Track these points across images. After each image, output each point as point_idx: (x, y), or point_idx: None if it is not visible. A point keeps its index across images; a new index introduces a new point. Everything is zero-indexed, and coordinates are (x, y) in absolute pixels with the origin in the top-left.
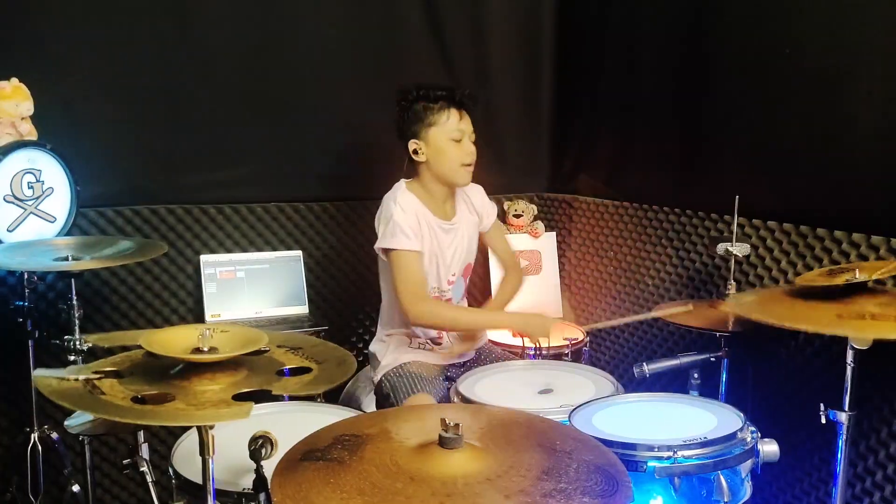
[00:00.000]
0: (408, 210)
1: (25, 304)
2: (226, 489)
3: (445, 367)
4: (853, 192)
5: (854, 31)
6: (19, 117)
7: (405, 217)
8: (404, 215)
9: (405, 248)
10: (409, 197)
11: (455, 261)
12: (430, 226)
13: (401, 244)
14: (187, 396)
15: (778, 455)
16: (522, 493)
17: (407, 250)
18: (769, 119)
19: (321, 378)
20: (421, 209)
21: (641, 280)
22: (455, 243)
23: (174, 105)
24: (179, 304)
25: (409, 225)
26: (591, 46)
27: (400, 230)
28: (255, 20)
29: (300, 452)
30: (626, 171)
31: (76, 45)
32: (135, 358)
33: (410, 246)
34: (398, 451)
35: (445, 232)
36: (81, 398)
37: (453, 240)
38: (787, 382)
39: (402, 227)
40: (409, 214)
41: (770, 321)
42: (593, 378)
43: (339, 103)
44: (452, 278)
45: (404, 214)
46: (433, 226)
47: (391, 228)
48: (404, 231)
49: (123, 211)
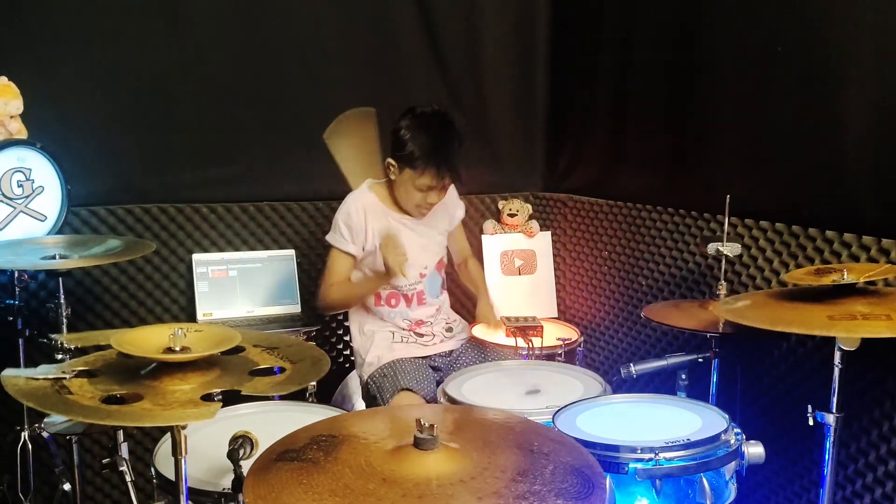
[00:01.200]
0: (356, 212)
1: (16, 303)
2: (206, 489)
3: (430, 358)
4: (845, 192)
5: (846, 29)
6: (8, 116)
7: (350, 219)
8: (349, 217)
9: (338, 246)
10: (366, 197)
11: (424, 255)
12: (384, 218)
13: (336, 242)
14: (156, 396)
15: (763, 457)
16: (495, 495)
17: (338, 249)
18: (761, 118)
19: (294, 378)
20: (380, 208)
21: (635, 280)
22: (423, 240)
23: (166, 103)
24: (172, 302)
25: (352, 226)
26: (585, 46)
27: (339, 230)
28: (246, 18)
29: (276, 452)
30: (621, 170)
31: (66, 44)
32: (108, 357)
33: (342, 246)
34: (374, 452)
35: (410, 228)
36: (47, 398)
37: (420, 235)
38: (777, 384)
39: (341, 227)
40: (355, 217)
41: (761, 325)
42: (582, 379)
43: (331, 102)
44: (425, 271)
45: (350, 217)
46: (394, 222)
47: (334, 225)
48: (342, 232)
49: (115, 210)
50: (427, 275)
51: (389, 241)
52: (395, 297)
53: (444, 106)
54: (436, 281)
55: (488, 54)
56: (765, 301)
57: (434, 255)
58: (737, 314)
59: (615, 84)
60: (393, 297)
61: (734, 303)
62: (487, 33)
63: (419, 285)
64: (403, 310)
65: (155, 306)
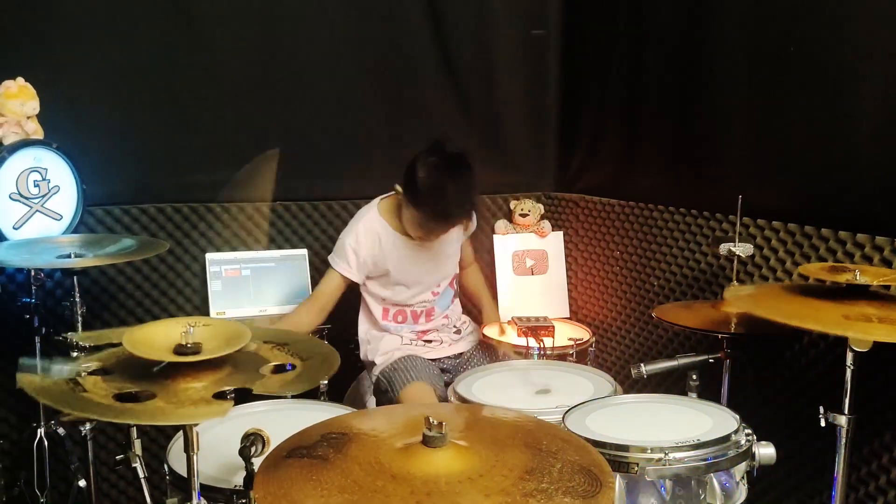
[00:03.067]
0: (366, 239)
1: (32, 301)
2: (218, 486)
3: (440, 361)
4: (858, 192)
5: (859, 29)
6: (25, 116)
7: (358, 246)
8: (356, 242)
9: (339, 270)
10: (374, 222)
11: (437, 273)
12: (396, 244)
13: (337, 266)
14: (168, 394)
15: (774, 458)
16: (503, 493)
17: (333, 269)
18: (773, 118)
19: (304, 375)
20: (389, 232)
21: (647, 280)
22: (436, 258)
23: (180, 104)
24: (185, 301)
25: (359, 253)
26: (597, 46)
27: (344, 255)
28: (260, 20)
29: (286, 449)
30: (632, 170)
31: (82, 45)
32: (121, 355)
33: (344, 272)
34: (383, 449)
35: (422, 247)
36: (63, 395)
37: (434, 254)
38: (788, 385)
39: (348, 253)
40: (364, 243)
41: (775, 318)
42: (593, 379)
43: (343, 103)
44: (437, 290)
45: (356, 241)
46: (405, 246)
47: (339, 248)
48: (347, 258)
49: (130, 209)
50: (440, 293)
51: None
52: (403, 315)
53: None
54: (447, 295)
55: (500, 54)
56: (776, 293)
57: (448, 271)
58: (748, 303)
59: (627, 84)
60: (400, 314)
61: (741, 291)
62: (499, 33)
63: (430, 303)
64: (411, 324)
65: (169, 305)
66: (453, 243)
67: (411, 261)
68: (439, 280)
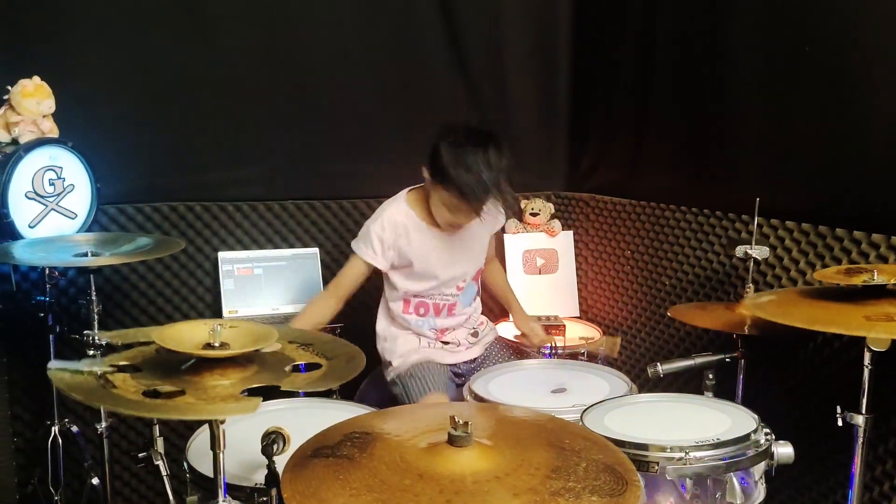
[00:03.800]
0: (389, 227)
1: (47, 300)
2: (239, 484)
3: (454, 366)
4: (873, 192)
5: (874, 29)
6: (41, 115)
7: (384, 233)
8: (381, 229)
9: (362, 256)
10: (401, 210)
11: (463, 266)
12: (423, 235)
13: (360, 252)
14: (197, 391)
15: (793, 457)
16: (531, 492)
17: (357, 256)
18: (787, 117)
19: (330, 374)
20: (417, 223)
21: (658, 280)
22: (463, 250)
23: (193, 104)
24: (198, 300)
25: (384, 240)
26: (608, 45)
27: (369, 241)
28: (272, 20)
29: (311, 449)
30: (644, 170)
31: (98, 45)
32: (147, 353)
33: (367, 258)
34: (407, 448)
35: (449, 239)
36: (94, 391)
37: (462, 244)
38: (804, 384)
39: (373, 239)
40: (387, 232)
41: (800, 325)
42: (608, 378)
43: (354, 102)
44: (462, 284)
45: (382, 228)
46: (426, 235)
47: (364, 234)
48: (372, 244)
49: (143, 208)
50: (464, 287)
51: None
52: (425, 307)
53: (466, 105)
54: (471, 291)
55: (511, 55)
56: (795, 299)
57: (474, 265)
58: (768, 311)
59: (638, 82)
60: (422, 305)
61: (760, 299)
62: (509, 33)
63: (454, 297)
64: (432, 319)
65: (181, 303)
66: (481, 237)
67: (437, 252)
68: (464, 274)
